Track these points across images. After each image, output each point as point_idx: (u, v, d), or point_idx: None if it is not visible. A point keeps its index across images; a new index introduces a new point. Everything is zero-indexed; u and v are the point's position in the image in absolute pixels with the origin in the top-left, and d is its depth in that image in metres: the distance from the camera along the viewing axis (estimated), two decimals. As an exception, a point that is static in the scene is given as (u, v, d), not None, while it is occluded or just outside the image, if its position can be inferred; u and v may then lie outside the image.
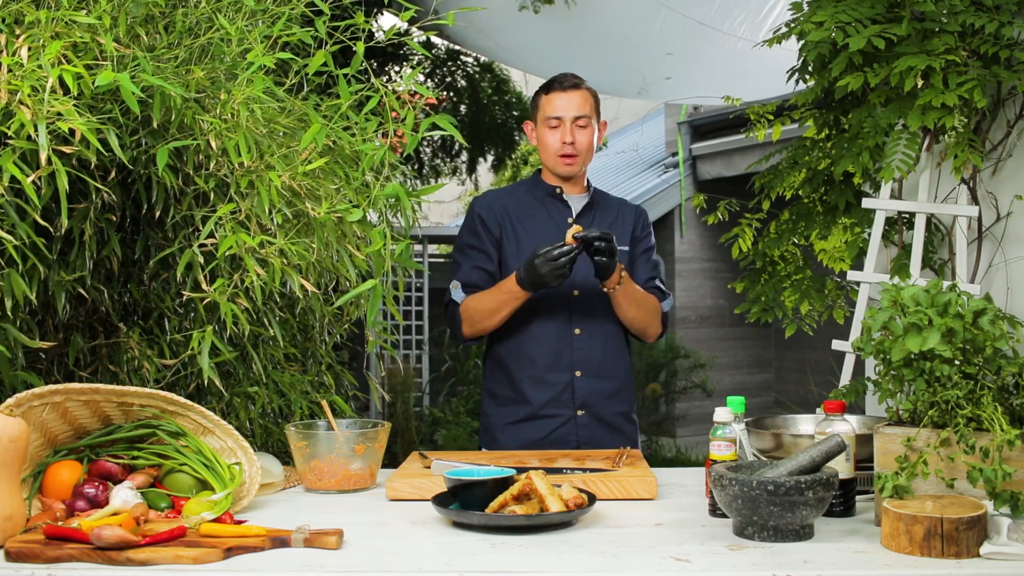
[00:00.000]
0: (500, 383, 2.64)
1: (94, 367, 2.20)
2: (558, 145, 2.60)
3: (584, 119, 2.60)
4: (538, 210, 2.67)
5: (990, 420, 1.63)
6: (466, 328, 2.59)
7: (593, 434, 2.57)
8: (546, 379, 2.58)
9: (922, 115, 2.29)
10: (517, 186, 2.79)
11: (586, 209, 2.67)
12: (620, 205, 2.76)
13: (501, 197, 2.72)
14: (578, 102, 2.60)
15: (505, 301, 2.51)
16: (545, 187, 2.69)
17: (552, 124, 2.60)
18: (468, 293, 2.59)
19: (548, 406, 2.57)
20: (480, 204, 2.70)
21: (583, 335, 2.59)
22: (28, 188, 1.62)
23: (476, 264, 2.63)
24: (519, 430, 2.58)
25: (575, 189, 2.69)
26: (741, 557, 1.56)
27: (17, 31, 1.78)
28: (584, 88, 2.63)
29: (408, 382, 7.50)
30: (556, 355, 2.58)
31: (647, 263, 2.72)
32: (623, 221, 2.70)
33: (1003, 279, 2.44)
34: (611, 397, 2.61)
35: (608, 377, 2.61)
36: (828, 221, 2.86)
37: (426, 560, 1.57)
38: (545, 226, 2.63)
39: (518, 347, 2.60)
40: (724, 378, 8.98)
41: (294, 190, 1.93)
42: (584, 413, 2.58)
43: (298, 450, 2.09)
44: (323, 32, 2.05)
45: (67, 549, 1.55)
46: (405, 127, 1.97)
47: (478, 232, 2.65)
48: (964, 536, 1.51)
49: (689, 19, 4.56)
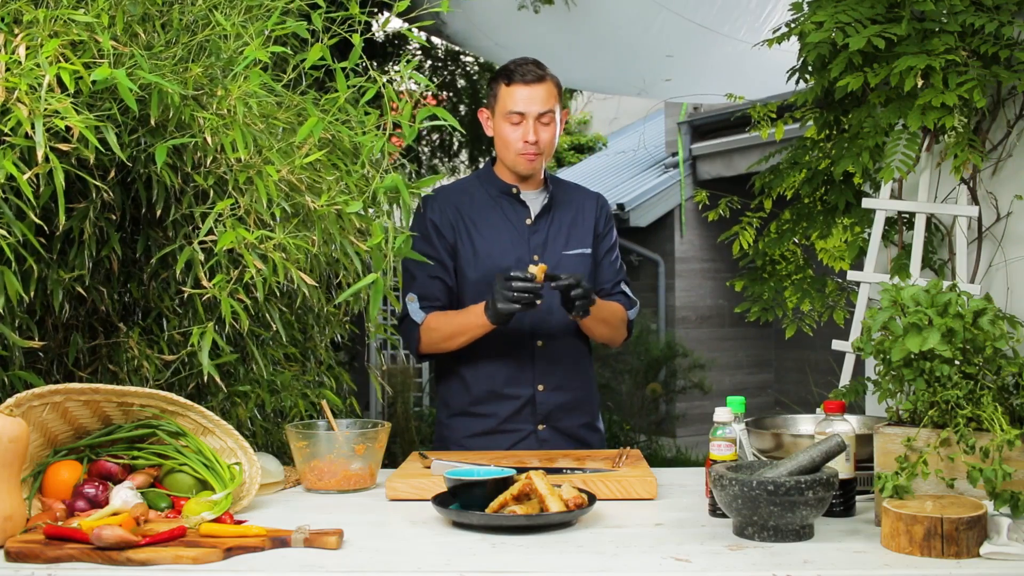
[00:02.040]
0: (458, 395, 2.52)
1: (94, 367, 2.20)
2: (520, 144, 2.44)
3: (548, 115, 2.44)
4: (493, 210, 2.52)
5: (990, 420, 1.63)
6: (423, 347, 2.47)
7: (555, 447, 2.47)
8: (506, 394, 2.47)
9: (922, 115, 2.29)
10: (469, 181, 2.62)
11: (544, 211, 2.53)
12: (580, 199, 2.61)
13: (451, 196, 2.55)
14: (542, 96, 2.42)
15: (469, 329, 2.39)
16: (500, 184, 2.54)
17: (514, 120, 2.43)
18: (425, 307, 2.45)
19: (508, 421, 2.47)
20: (431, 208, 2.51)
21: (545, 348, 2.49)
22: (24, 185, 1.62)
23: (432, 275, 2.47)
24: (476, 444, 2.47)
25: (532, 185, 2.54)
26: (741, 557, 1.56)
27: (15, 30, 1.78)
28: (548, 79, 2.45)
29: (408, 382, 7.50)
30: (517, 369, 2.47)
31: (611, 265, 2.60)
32: (583, 219, 2.56)
33: (1003, 279, 2.44)
34: (573, 410, 2.52)
35: (570, 389, 2.51)
36: (828, 221, 2.86)
37: (426, 560, 1.57)
38: (501, 232, 2.50)
39: (477, 361, 2.48)
40: (724, 378, 8.98)
41: (293, 184, 1.93)
42: (545, 427, 2.49)
43: (298, 450, 2.09)
44: (319, 25, 2.04)
45: (67, 549, 1.55)
46: (402, 118, 1.96)
47: (431, 240, 2.48)
48: (964, 536, 1.51)
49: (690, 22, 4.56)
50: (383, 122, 2.01)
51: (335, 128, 2.01)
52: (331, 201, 1.90)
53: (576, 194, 2.63)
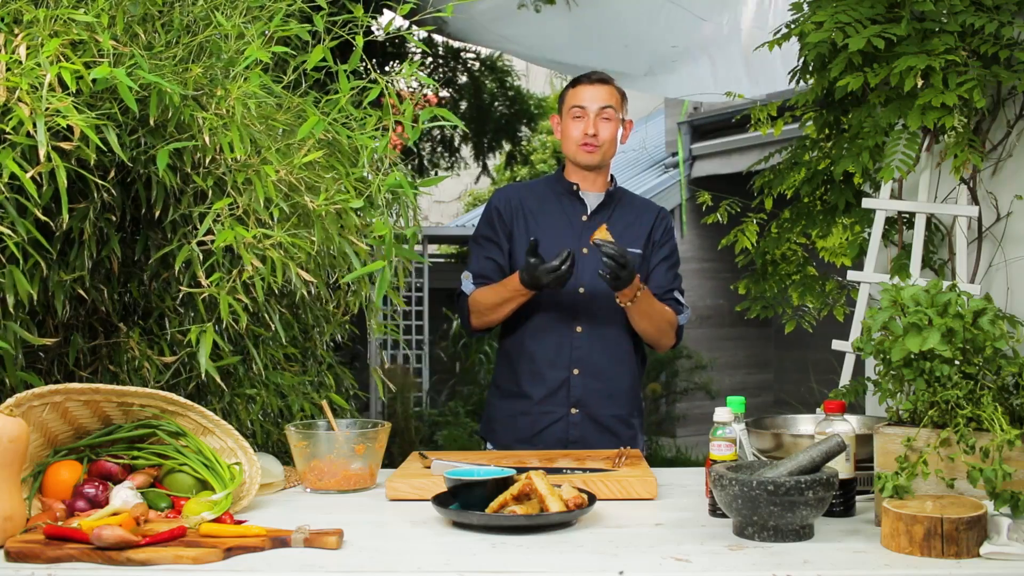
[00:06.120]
0: (504, 375, 2.68)
1: (94, 367, 2.20)
2: (580, 136, 2.60)
3: (608, 110, 2.60)
4: (553, 206, 2.67)
5: (990, 420, 1.63)
6: (474, 319, 2.63)
7: (584, 434, 2.57)
8: (544, 375, 2.59)
9: (922, 115, 2.29)
10: (538, 181, 2.81)
11: (601, 207, 2.66)
12: (643, 206, 2.74)
13: (520, 191, 2.74)
14: (604, 95, 2.61)
15: (509, 297, 2.53)
16: (565, 183, 2.70)
17: (576, 114, 2.61)
18: (478, 284, 2.62)
19: (543, 402, 2.59)
20: (498, 197, 2.72)
21: (584, 334, 2.59)
22: (28, 184, 1.62)
23: (488, 255, 2.65)
24: (516, 423, 2.61)
25: (595, 186, 2.68)
26: (741, 557, 1.56)
27: (16, 29, 1.78)
28: (611, 85, 2.65)
29: (408, 382, 7.50)
30: (555, 352, 2.59)
31: (667, 273, 2.68)
32: (640, 223, 2.68)
33: (1003, 279, 2.44)
34: (608, 398, 2.60)
35: (607, 378, 2.60)
36: (828, 221, 2.86)
37: (426, 560, 1.57)
38: (557, 223, 2.64)
39: (521, 341, 2.63)
40: (724, 378, 8.98)
41: (292, 184, 1.93)
42: (578, 412, 2.58)
43: (298, 450, 2.09)
44: (321, 26, 2.04)
45: (67, 549, 1.54)
46: (404, 119, 1.97)
47: (493, 224, 2.67)
48: (964, 536, 1.51)
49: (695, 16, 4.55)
50: (384, 123, 2.01)
51: (335, 128, 2.01)
52: (330, 200, 1.90)
53: (638, 203, 2.77)
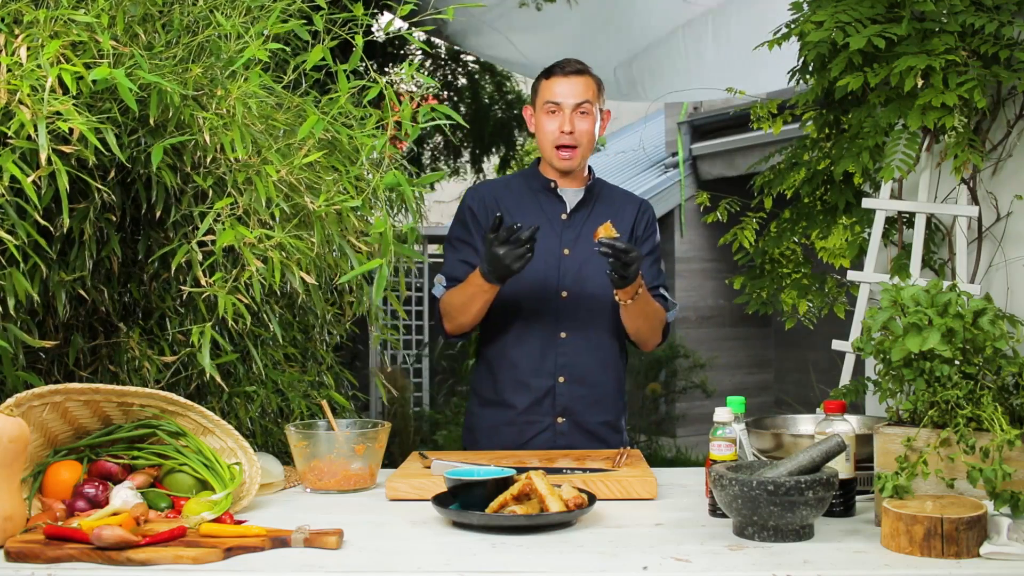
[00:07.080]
0: (485, 384, 2.57)
1: (94, 367, 2.20)
2: (556, 134, 2.48)
3: (586, 105, 2.48)
4: (530, 204, 2.56)
5: (990, 420, 1.63)
6: (446, 323, 2.52)
7: (572, 442, 2.47)
8: (528, 384, 2.49)
9: (922, 115, 2.29)
10: (513, 177, 2.70)
11: (581, 205, 2.56)
12: (623, 199, 2.64)
13: (494, 189, 2.63)
14: (580, 88, 2.48)
15: (473, 295, 2.40)
16: (541, 179, 2.58)
17: (550, 109, 2.49)
18: (449, 286, 2.51)
19: (528, 411, 2.49)
20: (472, 196, 2.60)
21: (569, 339, 2.50)
22: (28, 188, 1.62)
23: (461, 258, 2.53)
24: (500, 433, 2.50)
25: (573, 183, 2.57)
26: (741, 557, 1.56)
27: (16, 31, 1.78)
28: (587, 74, 2.52)
29: (408, 382, 7.50)
30: (539, 359, 2.49)
31: (651, 267, 2.58)
32: (622, 218, 2.57)
33: (1003, 279, 2.44)
34: (594, 405, 2.51)
35: (594, 384, 2.51)
36: (828, 221, 2.86)
37: (426, 560, 1.57)
38: (535, 222, 2.44)
39: (502, 349, 2.53)
40: (724, 378, 8.97)
41: (292, 184, 1.93)
42: (564, 420, 2.49)
43: (298, 450, 2.09)
44: (320, 26, 2.04)
45: (67, 549, 1.55)
46: (404, 117, 1.96)
47: (467, 225, 2.56)
48: (964, 536, 1.51)
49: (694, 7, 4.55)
50: (384, 122, 2.01)
51: (335, 128, 2.01)
52: (330, 201, 1.90)
53: (618, 195, 2.67)
